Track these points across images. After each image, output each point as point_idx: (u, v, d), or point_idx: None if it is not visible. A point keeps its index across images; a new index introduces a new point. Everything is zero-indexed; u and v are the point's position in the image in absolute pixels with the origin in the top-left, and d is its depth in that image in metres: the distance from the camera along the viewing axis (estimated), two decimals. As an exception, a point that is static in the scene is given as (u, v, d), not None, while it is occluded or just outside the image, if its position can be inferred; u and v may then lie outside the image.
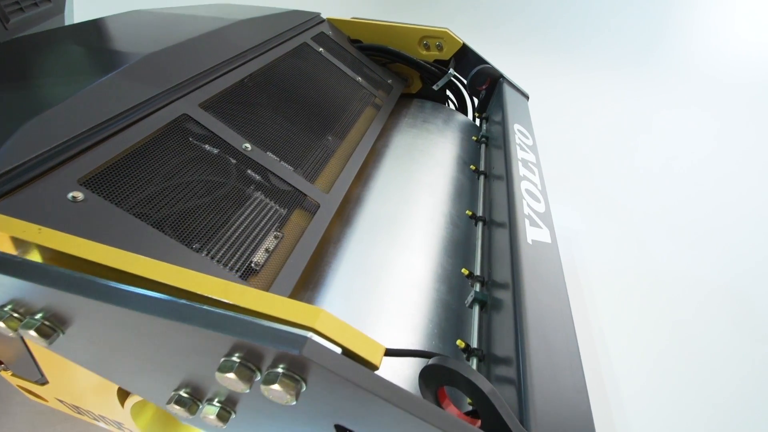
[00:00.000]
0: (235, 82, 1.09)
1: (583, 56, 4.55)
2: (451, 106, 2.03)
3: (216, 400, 0.52)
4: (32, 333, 0.48)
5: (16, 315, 0.50)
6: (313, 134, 1.20)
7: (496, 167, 1.32)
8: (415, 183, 1.29)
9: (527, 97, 1.84)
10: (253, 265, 0.80)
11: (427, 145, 1.50)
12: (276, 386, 0.40)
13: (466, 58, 1.81)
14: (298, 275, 0.83)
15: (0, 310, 0.49)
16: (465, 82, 1.86)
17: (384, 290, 0.93)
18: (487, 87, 1.80)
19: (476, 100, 1.88)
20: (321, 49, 1.53)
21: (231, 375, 0.41)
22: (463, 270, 0.98)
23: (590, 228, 2.28)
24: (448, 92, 1.96)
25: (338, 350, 0.42)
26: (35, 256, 0.54)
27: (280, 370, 0.41)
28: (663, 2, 5.34)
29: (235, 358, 0.42)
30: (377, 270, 0.98)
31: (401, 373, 0.77)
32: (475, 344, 0.82)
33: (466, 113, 2.00)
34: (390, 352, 0.64)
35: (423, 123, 1.66)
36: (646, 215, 2.39)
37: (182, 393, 0.53)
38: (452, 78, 1.84)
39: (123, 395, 0.83)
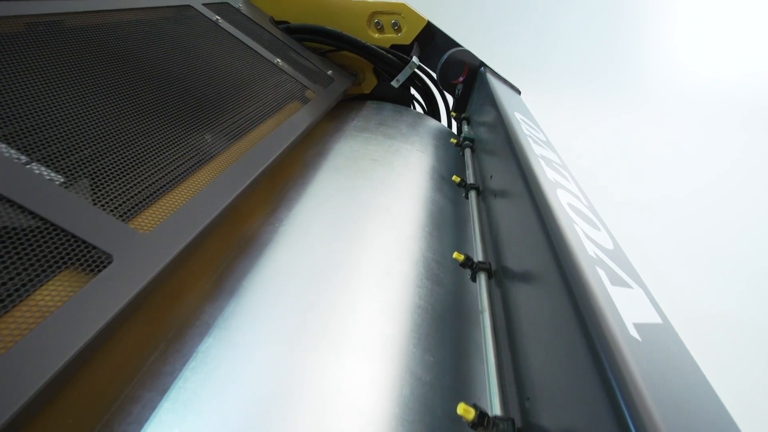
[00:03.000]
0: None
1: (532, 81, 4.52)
2: (419, 109, 1.53)
3: None
4: None
5: None
6: (165, 124, 0.65)
7: (496, 177, 0.79)
8: (363, 207, 0.75)
9: (519, 92, 1.37)
10: None
11: (384, 153, 0.98)
12: None
13: (433, 41, 1.33)
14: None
15: None
16: (434, 76, 1.38)
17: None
18: (465, 79, 1.33)
19: (450, 99, 1.40)
20: (217, 17, 1.01)
21: None
22: (460, 409, 0.41)
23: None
24: (412, 90, 1.47)
25: None
26: None
27: None
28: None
29: None
30: (276, 409, 0.41)
31: None
32: None
33: (438, 118, 1.51)
34: None
35: (378, 126, 1.14)
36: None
37: None
38: (417, 70, 1.35)
39: None
